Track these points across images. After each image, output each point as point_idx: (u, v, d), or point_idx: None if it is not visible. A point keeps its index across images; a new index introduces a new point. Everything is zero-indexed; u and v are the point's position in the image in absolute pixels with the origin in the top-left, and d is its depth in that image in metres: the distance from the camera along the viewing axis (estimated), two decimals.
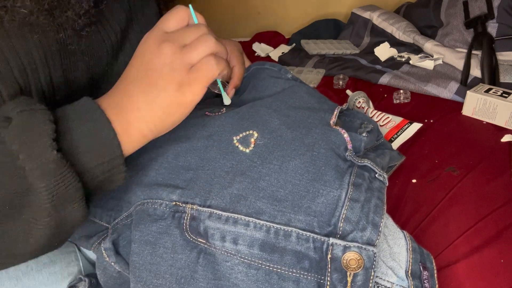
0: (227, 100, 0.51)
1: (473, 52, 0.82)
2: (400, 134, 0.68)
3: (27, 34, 0.39)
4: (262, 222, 0.40)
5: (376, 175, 0.46)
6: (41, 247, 0.38)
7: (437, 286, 0.43)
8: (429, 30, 0.98)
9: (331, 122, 0.50)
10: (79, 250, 0.56)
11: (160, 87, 0.39)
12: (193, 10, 0.43)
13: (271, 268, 0.39)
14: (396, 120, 0.71)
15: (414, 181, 0.59)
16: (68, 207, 0.36)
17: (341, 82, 0.89)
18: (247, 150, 0.45)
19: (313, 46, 1.05)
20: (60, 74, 0.43)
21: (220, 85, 0.50)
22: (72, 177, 0.35)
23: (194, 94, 0.41)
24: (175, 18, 0.42)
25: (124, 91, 0.41)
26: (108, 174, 0.38)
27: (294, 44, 1.13)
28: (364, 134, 0.50)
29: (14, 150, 0.33)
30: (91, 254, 0.56)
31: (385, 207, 0.43)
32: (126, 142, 0.39)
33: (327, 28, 1.19)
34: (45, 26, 0.40)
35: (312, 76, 0.93)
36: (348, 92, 0.85)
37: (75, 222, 0.38)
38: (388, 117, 0.71)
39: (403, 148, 0.66)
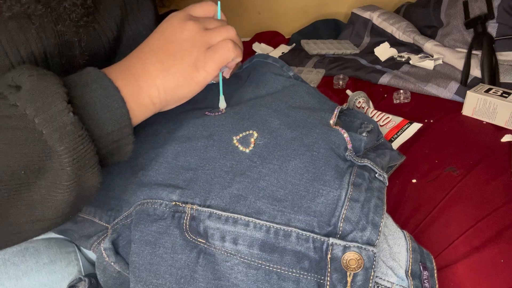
0: (223, 104, 0.52)
1: (473, 52, 0.82)
2: (400, 134, 0.68)
3: (26, 27, 0.39)
4: (262, 222, 0.40)
5: (376, 175, 0.46)
6: (59, 213, 0.37)
7: (437, 286, 0.43)
8: (429, 30, 0.98)
9: (331, 122, 0.50)
10: (79, 250, 0.56)
11: (177, 59, 0.41)
12: (220, 8, 0.47)
13: (271, 268, 0.39)
14: (396, 120, 0.71)
15: (414, 181, 0.59)
16: (87, 171, 0.35)
17: (341, 82, 0.89)
18: (247, 150, 0.45)
19: (313, 46, 1.05)
20: (58, 68, 0.43)
21: (220, 84, 0.50)
22: (89, 141, 0.35)
23: (207, 72, 0.42)
24: (203, 9, 0.45)
25: (138, 58, 0.42)
26: (117, 144, 0.38)
27: (294, 44, 1.13)
28: (364, 134, 0.50)
29: (28, 115, 0.33)
30: (91, 254, 0.56)
31: (385, 207, 0.43)
32: (135, 107, 0.40)
33: (327, 28, 1.19)
34: (43, 17, 0.40)
35: (312, 76, 0.93)
36: (348, 92, 0.85)
37: (92, 190, 0.38)
38: (388, 117, 0.71)
39: (403, 148, 0.66)
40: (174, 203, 0.42)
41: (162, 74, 0.41)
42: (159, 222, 0.42)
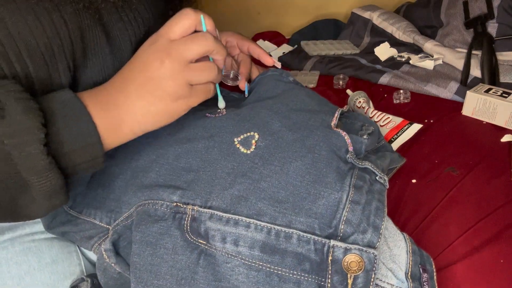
0: (222, 104, 0.52)
1: (473, 52, 0.82)
2: (400, 135, 0.68)
3: (54, 12, 0.40)
4: (263, 223, 0.40)
5: (377, 178, 0.46)
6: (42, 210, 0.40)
7: None
8: (429, 30, 0.98)
9: (332, 124, 0.50)
10: (80, 250, 0.56)
11: (158, 97, 0.42)
12: (203, 18, 0.44)
13: (271, 270, 0.39)
14: (396, 120, 0.71)
15: (414, 181, 0.59)
16: (55, 197, 0.39)
17: (341, 82, 0.89)
18: (248, 152, 0.45)
19: (313, 48, 1.05)
20: (81, 55, 0.44)
21: (218, 89, 0.50)
22: (57, 176, 0.37)
23: (189, 107, 0.44)
24: (182, 27, 0.43)
25: (121, 90, 0.42)
26: (87, 169, 0.41)
27: (296, 46, 1.13)
28: (365, 137, 0.50)
29: (6, 144, 0.35)
30: (92, 255, 0.56)
31: (385, 210, 0.43)
32: (115, 138, 0.42)
33: (327, 28, 1.19)
34: (76, 4, 0.41)
35: (308, 77, 0.93)
36: (349, 92, 0.85)
37: (62, 204, 0.41)
38: (389, 117, 0.71)
39: (403, 148, 0.66)
40: (175, 204, 0.42)
41: (144, 111, 0.42)
42: (160, 223, 0.42)
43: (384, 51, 0.97)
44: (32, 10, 0.39)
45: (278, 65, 0.64)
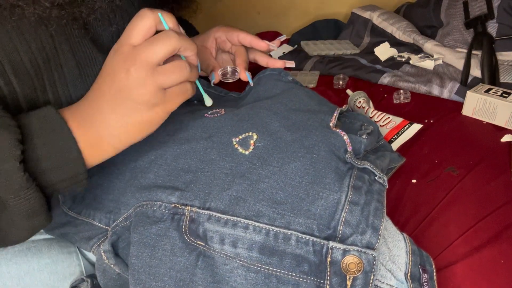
0: (208, 101, 0.51)
1: (473, 52, 0.82)
2: (400, 135, 0.68)
3: (39, 27, 0.40)
4: (261, 225, 0.40)
5: (376, 178, 0.46)
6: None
7: None
8: (429, 30, 0.98)
9: (331, 124, 0.49)
10: (80, 251, 0.56)
11: (131, 108, 0.40)
12: (162, 16, 0.41)
13: (270, 272, 0.39)
14: (396, 120, 0.71)
15: (414, 181, 0.59)
16: (33, 217, 0.37)
17: (341, 82, 0.89)
18: (247, 152, 0.45)
19: (313, 48, 1.05)
20: (74, 65, 0.43)
21: (199, 86, 0.49)
22: (36, 195, 0.36)
23: (168, 112, 0.42)
24: (141, 30, 0.40)
25: (95, 106, 0.41)
26: (69, 187, 0.39)
27: (296, 46, 1.13)
28: (364, 136, 0.50)
29: None
30: (92, 256, 0.56)
31: (385, 210, 0.43)
32: (96, 155, 0.40)
33: (327, 28, 1.19)
34: (60, 19, 0.40)
35: (308, 77, 0.93)
36: (349, 91, 0.85)
37: (43, 225, 0.40)
38: (389, 117, 0.71)
39: (402, 148, 0.66)
40: (173, 205, 0.42)
41: (120, 124, 0.40)
42: (158, 224, 0.42)
43: (384, 51, 0.97)
44: (17, 26, 0.38)
45: (274, 47, 0.63)
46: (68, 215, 0.51)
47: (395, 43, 0.98)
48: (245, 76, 0.59)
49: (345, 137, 0.47)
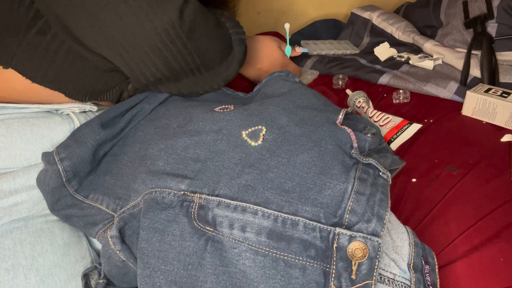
0: (288, 51, 0.80)
1: (473, 52, 0.83)
2: (399, 135, 0.68)
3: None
4: (270, 211, 0.41)
5: (380, 173, 0.47)
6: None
7: (438, 280, 0.43)
8: (429, 30, 0.98)
9: (338, 122, 0.51)
10: (87, 238, 0.57)
11: (277, 64, 0.78)
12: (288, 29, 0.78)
13: (278, 256, 0.40)
14: (396, 120, 0.71)
15: (414, 180, 0.59)
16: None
17: (340, 82, 0.89)
18: (256, 144, 0.46)
19: (313, 47, 1.05)
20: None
21: (287, 33, 0.80)
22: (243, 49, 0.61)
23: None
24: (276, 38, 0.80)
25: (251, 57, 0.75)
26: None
27: (296, 45, 1.13)
28: (369, 135, 0.51)
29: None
30: (97, 244, 0.57)
31: (389, 202, 0.44)
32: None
33: (327, 28, 1.19)
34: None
35: (307, 76, 0.93)
36: (348, 91, 0.85)
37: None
38: (388, 117, 0.72)
39: (402, 148, 0.66)
40: (182, 192, 0.43)
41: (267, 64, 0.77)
42: (167, 211, 0.43)
43: (383, 51, 0.97)
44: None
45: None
46: (74, 197, 0.52)
47: (395, 43, 0.99)
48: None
49: (351, 134, 0.48)
